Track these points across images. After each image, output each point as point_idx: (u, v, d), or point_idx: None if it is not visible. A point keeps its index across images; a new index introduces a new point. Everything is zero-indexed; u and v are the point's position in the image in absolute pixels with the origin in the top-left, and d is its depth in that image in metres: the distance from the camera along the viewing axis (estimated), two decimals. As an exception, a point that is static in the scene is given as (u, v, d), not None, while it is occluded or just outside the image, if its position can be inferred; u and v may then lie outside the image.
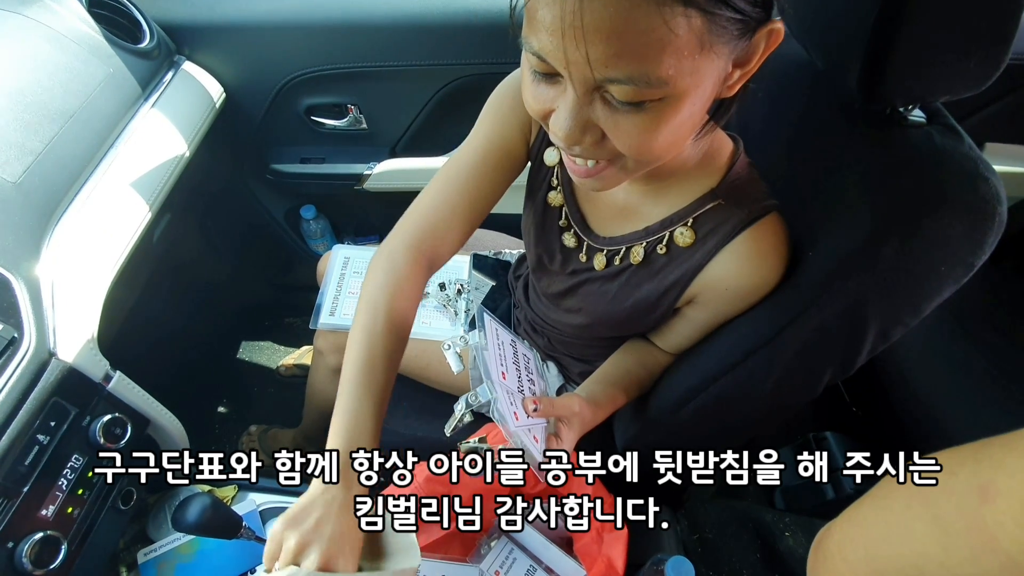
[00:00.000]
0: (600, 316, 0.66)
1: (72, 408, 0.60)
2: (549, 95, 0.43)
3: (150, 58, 0.95)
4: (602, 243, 0.62)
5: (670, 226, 0.57)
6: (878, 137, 0.55)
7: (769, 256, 0.54)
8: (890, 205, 0.51)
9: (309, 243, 1.38)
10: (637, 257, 0.59)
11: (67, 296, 0.64)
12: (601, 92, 0.40)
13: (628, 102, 0.40)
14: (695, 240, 0.56)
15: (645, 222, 0.59)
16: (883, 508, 0.30)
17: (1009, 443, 0.24)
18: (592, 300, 0.65)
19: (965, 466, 0.25)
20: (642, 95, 0.39)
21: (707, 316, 0.61)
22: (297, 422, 1.19)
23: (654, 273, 0.60)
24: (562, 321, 0.75)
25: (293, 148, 1.20)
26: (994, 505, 0.23)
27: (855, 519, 0.31)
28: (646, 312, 0.62)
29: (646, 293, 0.60)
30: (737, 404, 0.64)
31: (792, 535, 0.87)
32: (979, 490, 0.23)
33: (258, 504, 0.78)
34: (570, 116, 0.42)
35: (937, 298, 0.51)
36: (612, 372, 0.70)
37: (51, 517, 0.56)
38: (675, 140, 0.44)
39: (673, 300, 0.60)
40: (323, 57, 1.05)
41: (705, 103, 0.43)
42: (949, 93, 0.51)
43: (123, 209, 0.78)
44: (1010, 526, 0.22)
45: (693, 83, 0.39)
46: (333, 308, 0.93)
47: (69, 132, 0.75)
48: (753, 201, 0.54)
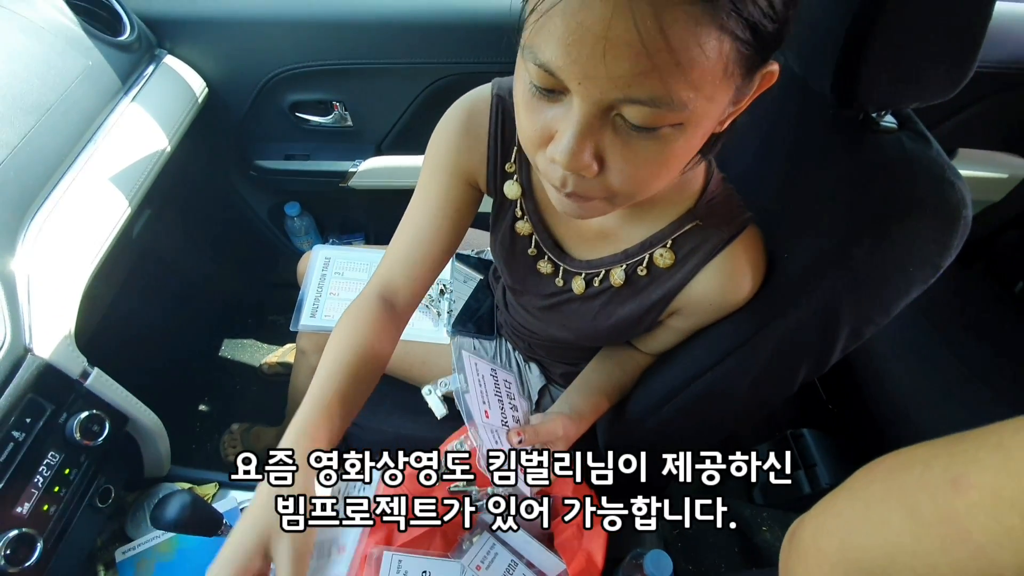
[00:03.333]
0: (584, 332, 0.66)
1: (48, 405, 0.59)
2: (550, 117, 0.39)
3: (130, 51, 0.94)
4: (580, 266, 0.61)
5: (649, 248, 0.57)
6: (851, 142, 0.57)
7: (749, 270, 0.55)
8: (862, 208, 0.52)
9: (293, 240, 1.37)
10: (618, 280, 0.59)
11: (43, 291, 0.63)
12: (612, 115, 0.37)
13: (643, 127, 0.36)
14: (675, 261, 0.56)
15: (623, 245, 0.59)
16: (858, 499, 0.30)
17: (981, 437, 0.24)
18: (575, 318, 0.65)
19: (939, 459, 0.26)
20: (661, 119, 0.36)
21: (690, 325, 0.62)
22: (279, 420, 1.18)
23: (636, 292, 0.60)
24: (544, 332, 0.75)
25: (277, 144, 1.19)
26: (967, 497, 0.23)
27: (830, 510, 0.32)
28: (630, 327, 0.63)
29: (629, 311, 0.61)
30: (716, 402, 0.65)
31: (769, 529, 0.89)
32: (952, 482, 0.24)
33: (240, 501, 0.78)
34: (574, 139, 0.37)
35: (906, 298, 0.53)
36: (594, 379, 0.70)
37: (26, 515, 0.55)
38: (671, 173, 0.42)
39: (656, 315, 0.61)
40: (308, 53, 1.05)
41: (706, 135, 0.41)
42: (919, 100, 0.53)
43: (102, 204, 0.77)
44: (982, 517, 0.23)
45: (708, 111, 0.37)
46: (314, 310, 0.92)
47: (46, 125, 0.74)
48: (731, 219, 0.55)
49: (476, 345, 0.88)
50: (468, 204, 0.63)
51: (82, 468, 0.62)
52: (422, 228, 0.63)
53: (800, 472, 1.00)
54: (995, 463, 0.23)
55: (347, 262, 0.98)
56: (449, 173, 0.61)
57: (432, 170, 0.62)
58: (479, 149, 0.60)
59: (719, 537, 0.86)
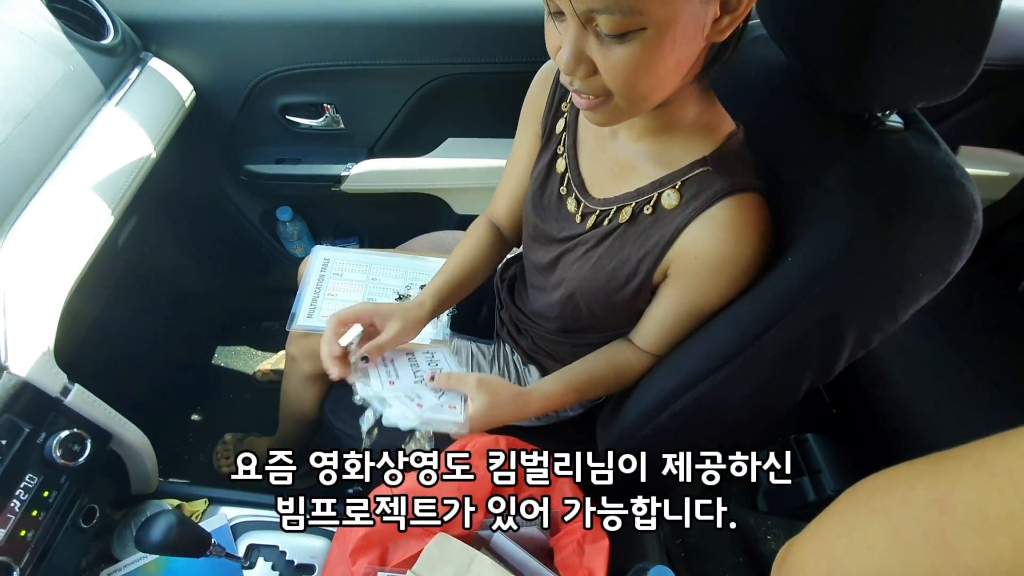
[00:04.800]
0: (580, 283, 0.67)
1: (25, 425, 0.57)
2: (558, 33, 0.49)
3: (114, 55, 0.91)
4: (596, 204, 0.65)
5: (660, 188, 0.59)
6: (856, 142, 0.55)
7: (742, 230, 0.55)
8: (868, 212, 0.50)
9: (286, 245, 1.34)
10: (625, 216, 0.62)
11: (21, 305, 0.61)
12: (593, 26, 0.45)
13: (612, 34, 0.44)
14: (679, 203, 0.57)
15: (638, 183, 0.61)
16: (843, 524, 0.30)
17: (964, 455, 0.24)
18: (575, 268, 0.67)
19: (922, 479, 0.25)
20: (624, 25, 0.43)
21: (680, 296, 0.61)
22: (274, 430, 1.16)
23: (638, 234, 0.61)
24: (544, 306, 0.75)
25: (268, 148, 1.16)
26: (952, 517, 0.23)
27: (817, 535, 0.31)
28: (624, 280, 0.63)
29: (627, 255, 0.62)
30: (716, 409, 0.63)
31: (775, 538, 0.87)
32: (937, 503, 0.23)
33: (230, 518, 0.76)
34: (568, 48, 0.47)
35: (915, 304, 0.51)
36: (569, 371, 0.71)
37: (1, 542, 0.53)
38: (660, 78, 0.49)
39: (650, 267, 0.60)
40: (298, 55, 1.02)
41: (690, 43, 0.47)
42: (926, 99, 0.51)
43: (83, 213, 0.75)
44: (969, 538, 0.22)
45: (670, 15, 0.43)
46: (311, 310, 0.90)
47: (24, 132, 0.71)
48: (740, 175, 0.55)
49: (474, 349, 0.86)
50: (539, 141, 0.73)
51: (62, 489, 0.60)
52: (510, 173, 0.79)
53: (805, 478, 0.98)
54: (979, 481, 0.22)
55: (346, 263, 0.96)
56: (526, 123, 0.74)
57: (520, 125, 0.75)
58: (545, 95, 0.70)
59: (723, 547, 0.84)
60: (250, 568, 0.71)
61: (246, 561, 0.72)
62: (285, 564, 0.72)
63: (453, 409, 0.64)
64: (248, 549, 0.73)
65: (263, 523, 0.76)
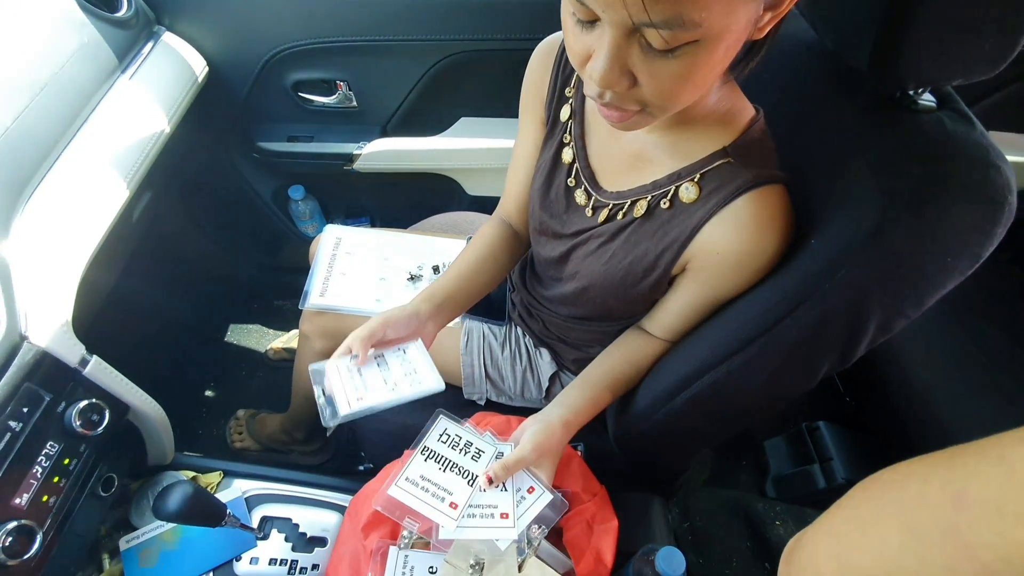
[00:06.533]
0: (595, 278, 0.65)
1: (46, 394, 0.58)
2: (588, 40, 0.44)
3: (127, 27, 0.91)
4: (609, 197, 0.62)
5: (677, 181, 0.57)
6: (887, 122, 0.53)
7: (766, 225, 0.53)
8: (899, 193, 0.49)
9: (298, 224, 1.34)
10: (640, 210, 0.59)
11: (40, 276, 0.62)
12: (638, 37, 0.41)
13: (663, 49, 0.41)
14: (699, 197, 0.55)
15: (654, 175, 0.59)
16: (855, 518, 0.29)
17: (982, 449, 0.23)
18: (589, 262, 0.65)
19: (937, 474, 0.25)
20: (678, 39, 0.40)
21: (699, 290, 0.60)
22: (285, 407, 1.17)
23: (655, 229, 0.59)
24: (557, 295, 0.74)
25: (280, 125, 1.16)
26: (969, 513, 0.22)
27: (827, 529, 0.31)
28: (642, 275, 0.61)
29: (644, 251, 0.60)
30: (731, 394, 0.62)
31: (783, 524, 0.87)
32: (953, 498, 0.23)
33: (244, 491, 0.77)
34: (606, 60, 0.43)
35: (941, 290, 0.50)
36: (595, 372, 0.69)
37: (25, 506, 0.54)
38: (704, 86, 0.46)
39: (669, 262, 0.58)
40: (312, 29, 1.01)
41: (736, 46, 0.44)
42: (962, 76, 0.49)
43: (99, 186, 0.75)
44: (986, 534, 0.21)
45: (727, 25, 0.40)
46: (323, 289, 0.90)
47: (39, 104, 0.71)
48: (762, 166, 0.53)
49: (486, 330, 0.86)
50: (544, 128, 0.69)
51: (82, 458, 0.61)
52: (517, 167, 0.74)
53: (815, 466, 0.97)
54: (998, 477, 0.22)
55: (358, 243, 0.96)
56: (528, 110, 0.70)
57: (521, 113, 0.71)
58: (547, 79, 0.66)
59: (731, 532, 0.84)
60: (263, 539, 0.73)
61: (260, 532, 0.73)
62: (298, 536, 0.74)
63: (532, 492, 0.59)
64: (262, 521, 0.75)
65: (277, 496, 0.77)
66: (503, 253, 0.77)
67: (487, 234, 0.77)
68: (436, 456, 0.60)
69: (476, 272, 0.74)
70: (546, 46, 0.66)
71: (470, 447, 0.62)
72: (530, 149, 0.71)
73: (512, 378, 0.84)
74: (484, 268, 0.74)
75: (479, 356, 0.84)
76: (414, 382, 0.62)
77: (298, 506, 0.77)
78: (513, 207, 0.78)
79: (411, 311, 0.66)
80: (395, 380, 0.62)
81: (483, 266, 0.74)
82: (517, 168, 0.75)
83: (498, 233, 0.78)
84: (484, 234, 0.78)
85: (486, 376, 0.84)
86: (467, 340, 0.85)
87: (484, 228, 0.79)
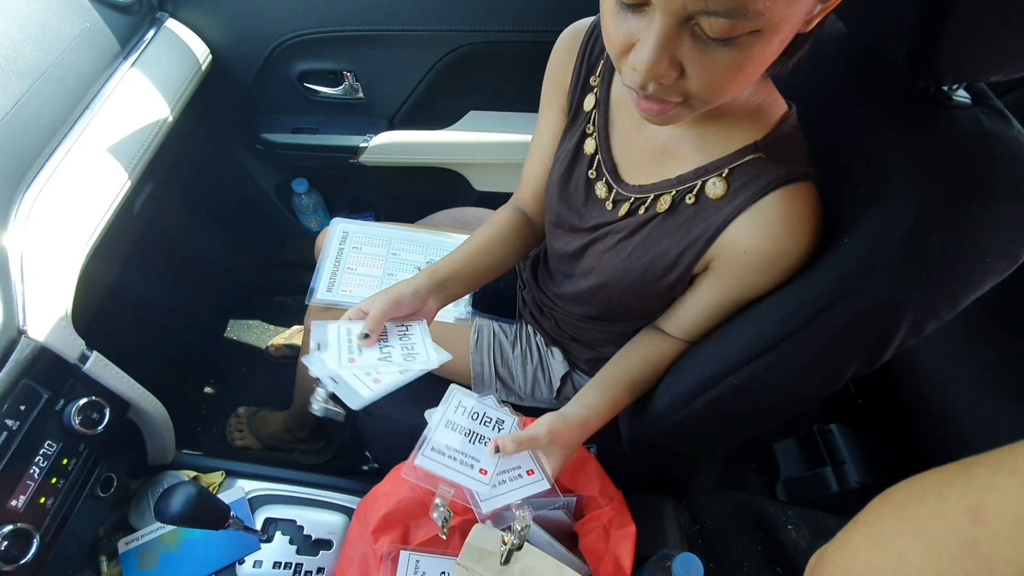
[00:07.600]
0: (613, 275, 0.63)
1: (44, 391, 0.55)
2: (633, 27, 0.41)
3: (130, 13, 0.88)
4: (631, 191, 0.60)
5: (704, 175, 0.54)
6: (921, 118, 0.52)
7: (796, 223, 0.51)
8: (935, 192, 0.47)
9: (301, 218, 1.32)
10: (663, 205, 0.57)
11: (38, 269, 0.59)
12: (691, 25, 0.39)
13: (720, 38, 0.38)
14: (726, 193, 0.53)
15: (679, 169, 0.56)
16: (874, 534, 0.29)
17: (996, 461, 0.23)
18: (607, 258, 0.63)
19: (953, 487, 0.25)
20: (737, 29, 0.37)
21: (722, 289, 0.58)
22: (287, 404, 1.15)
23: (678, 226, 0.57)
24: (570, 293, 0.72)
25: (285, 117, 1.13)
26: (986, 527, 0.22)
27: (847, 547, 0.31)
28: (662, 273, 0.59)
29: (665, 247, 0.58)
30: (754, 397, 0.61)
31: (795, 528, 0.85)
32: (970, 512, 0.23)
33: (247, 491, 0.75)
34: (655, 49, 0.40)
35: (977, 291, 0.49)
36: (613, 373, 0.67)
37: (21, 508, 0.52)
38: (752, 79, 0.44)
39: (692, 260, 0.56)
40: (318, 18, 0.98)
41: (789, 38, 0.42)
42: (1001, 72, 0.47)
43: (100, 176, 0.72)
44: (1004, 548, 0.21)
45: (787, 16, 0.38)
46: (330, 284, 0.88)
47: (40, 90, 0.69)
48: (793, 163, 0.51)
49: (496, 328, 0.84)
50: (566, 118, 0.67)
51: (81, 457, 0.59)
52: (535, 156, 0.72)
53: (827, 469, 0.96)
54: (1012, 489, 0.22)
55: (365, 237, 0.94)
56: (550, 98, 0.67)
57: (542, 100, 0.69)
58: (571, 66, 0.64)
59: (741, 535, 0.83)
60: (267, 542, 0.71)
61: (263, 534, 0.71)
62: (303, 539, 0.72)
63: (532, 475, 0.58)
64: (265, 522, 0.73)
65: (280, 497, 0.75)
66: (515, 237, 0.75)
67: (500, 217, 0.76)
68: (456, 427, 0.59)
69: (484, 252, 0.72)
70: (572, 31, 0.64)
71: (489, 419, 0.61)
72: (549, 139, 0.69)
73: (523, 378, 0.82)
74: (493, 249, 0.72)
75: (489, 355, 0.82)
76: (419, 359, 0.60)
77: (303, 508, 0.75)
78: (529, 196, 0.76)
79: (414, 288, 0.63)
80: (400, 357, 0.60)
81: (492, 246, 0.72)
82: (535, 157, 0.73)
83: (512, 218, 0.76)
84: (497, 217, 0.76)
85: (496, 375, 0.82)
86: (477, 338, 0.83)
87: (498, 212, 0.77)
